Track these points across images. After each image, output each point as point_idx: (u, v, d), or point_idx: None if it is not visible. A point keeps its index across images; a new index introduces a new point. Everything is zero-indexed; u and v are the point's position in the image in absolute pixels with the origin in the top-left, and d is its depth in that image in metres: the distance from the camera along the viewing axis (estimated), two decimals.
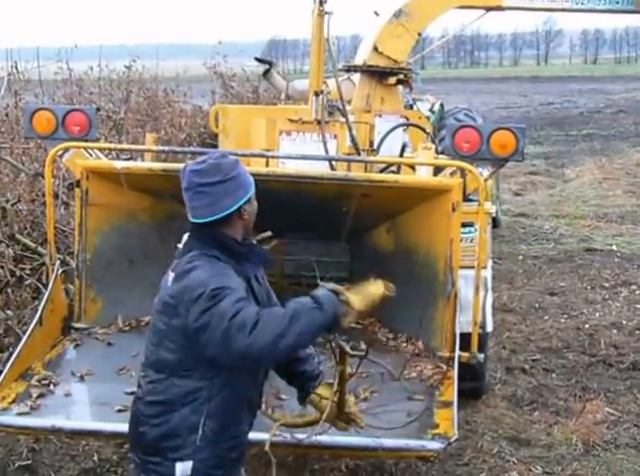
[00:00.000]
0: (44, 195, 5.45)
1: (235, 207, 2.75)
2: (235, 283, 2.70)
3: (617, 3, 7.73)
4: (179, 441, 2.73)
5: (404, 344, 4.32)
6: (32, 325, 4.06)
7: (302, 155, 4.71)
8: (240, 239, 2.82)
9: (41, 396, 3.76)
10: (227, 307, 2.59)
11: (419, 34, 7.31)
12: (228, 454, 2.79)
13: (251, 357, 2.58)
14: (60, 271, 4.39)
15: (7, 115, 8.00)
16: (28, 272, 5.96)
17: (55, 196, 6.07)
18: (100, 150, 4.72)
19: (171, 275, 2.76)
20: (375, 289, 2.77)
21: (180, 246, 2.83)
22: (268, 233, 3.00)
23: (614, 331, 6.73)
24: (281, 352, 2.60)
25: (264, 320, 2.57)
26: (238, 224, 2.80)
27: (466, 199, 4.22)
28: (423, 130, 6.16)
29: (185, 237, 2.84)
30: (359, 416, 3.10)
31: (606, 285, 8.08)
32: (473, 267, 4.27)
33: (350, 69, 7.51)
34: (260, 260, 2.88)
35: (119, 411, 3.62)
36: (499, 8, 7.61)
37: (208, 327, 2.59)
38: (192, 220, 2.78)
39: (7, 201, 6.24)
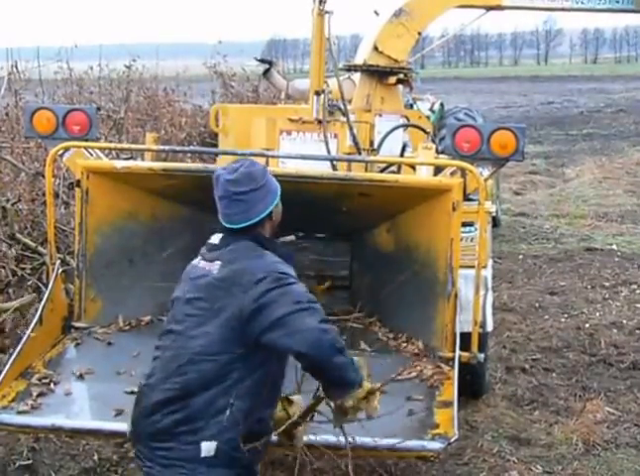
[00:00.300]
0: (44, 195, 5.44)
1: (266, 212, 2.98)
2: (293, 272, 2.92)
3: (617, 2, 7.71)
4: (201, 424, 2.77)
5: (404, 344, 4.32)
6: (32, 325, 4.06)
7: (302, 154, 4.71)
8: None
9: (41, 394, 3.76)
10: (301, 292, 2.83)
11: (419, 33, 7.30)
12: (251, 437, 2.84)
13: (309, 342, 2.73)
14: (61, 270, 4.39)
15: (7, 114, 8.00)
16: (28, 271, 5.97)
17: (56, 196, 6.07)
18: (100, 149, 4.72)
19: (217, 263, 2.89)
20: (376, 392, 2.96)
21: (215, 241, 2.98)
22: (292, 237, 3.24)
23: (615, 331, 6.73)
24: (326, 361, 2.78)
25: (332, 326, 2.83)
26: (267, 225, 3.02)
27: (466, 199, 4.22)
28: (423, 130, 6.16)
29: (219, 235, 2.99)
30: (299, 440, 3.14)
31: (607, 284, 8.08)
32: (473, 266, 4.27)
33: (350, 69, 7.50)
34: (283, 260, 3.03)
35: (119, 410, 3.62)
36: (499, 7, 7.60)
37: (272, 305, 2.76)
38: (227, 225, 2.96)
39: (7, 201, 6.24)
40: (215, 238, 2.99)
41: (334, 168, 5.26)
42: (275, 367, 2.92)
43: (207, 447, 2.77)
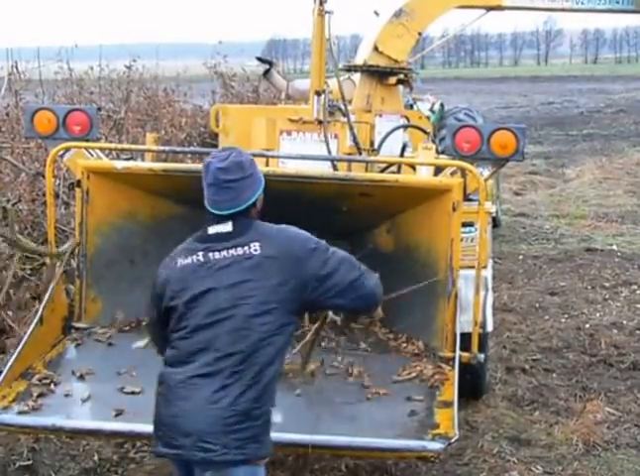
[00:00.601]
0: (44, 195, 5.45)
1: (253, 200, 3.08)
2: None
3: (617, 3, 7.72)
4: (268, 394, 2.91)
5: (405, 344, 4.32)
6: (32, 325, 4.06)
7: (302, 155, 4.71)
8: None
9: (41, 395, 3.76)
10: (351, 258, 3.14)
11: (419, 33, 7.30)
12: None
13: (374, 301, 3.21)
14: (61, 271, 4.38)
15: (8, 115, 8.01)
16: (29, 272, 5.97)
17: (56, 196, 6.07)
18: (101, 150, 4.72)
19: (254, 244, 2.98)
20: None
21: (224, 230, 3.03)
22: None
23: (615, 331, 6.73)
24: (377, 307, 3.36)
25: (375, 274, 3.26)
26: (253, 213, 3.11)
27: (466, 199, 4.22)
28: (423, 131, 6.16)
29: (224, 225, 3.04)
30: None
31: (607, 284, 8.07)
32: (473, 266, 4.27)
33: (350, 69, 7.50)
34: None
35: (119, 410, 3.62)
36: (500, 8, 7.60)
37: (336, 273, 3.02)
38: (215, 212, 3.06)
39: (8, 201, 6.25)
40: (220, 227, 3.03)
41: (334, 168, 5.26)
42: None
43: (275, 415, 2.96)
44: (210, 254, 3.01)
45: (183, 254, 3.08)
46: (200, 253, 3.03)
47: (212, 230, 3.05)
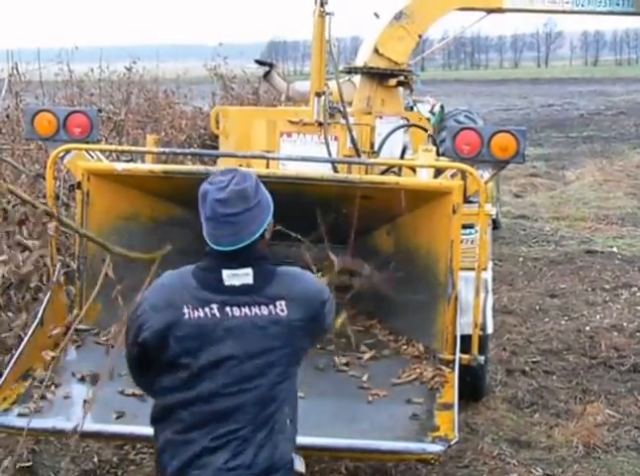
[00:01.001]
0: (44, 197, 5.43)
1: (260, 232, 2.65)
2: None
3: (618, 5, 7.72)
4: (283, 445, 2.65)
5: (405, 346, 4.32)
6: (32, 326, 4.06)
7: (302, 156, 4.71)
8: None
9: (42, 397, 3.75)
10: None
11: (420, 36, 7.30)
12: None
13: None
14: (61, 272, 4.38)
15: (8, 116, 7.99)
16: None
17: (56, 198, 6.06)
18: (101, 151, 4.72)
19: (280, 303, 2.62)
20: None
21: (246, 281, 2.61)
22: None
23: (615, 333, 6.73)
24: None
25: None
26: (260, 245, 2.68)
27: (466, 201, 4.22)
28: (424, 129, 6.16)
29: (242, 272, 2.61)
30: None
31: (607, 287, 8.07)
32: (473, 268, 4.27)
33: (350, 71, 7.51)
34: None
35: (119, 412, 3.62)
36: (500, 10, 7.61)
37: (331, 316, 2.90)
38: (214, 247, 2.64)
39: (8, 202, 6.23)
40: (239, 278, 2.60)
41: (335, 170, 5.27)
42: None
43: (297, 462, 2.70)
44: (227, 309, 2.60)
45: (191, 303, 2.61)
46: (215, 306, 2.60)
47: (229, 281, 2.60)
